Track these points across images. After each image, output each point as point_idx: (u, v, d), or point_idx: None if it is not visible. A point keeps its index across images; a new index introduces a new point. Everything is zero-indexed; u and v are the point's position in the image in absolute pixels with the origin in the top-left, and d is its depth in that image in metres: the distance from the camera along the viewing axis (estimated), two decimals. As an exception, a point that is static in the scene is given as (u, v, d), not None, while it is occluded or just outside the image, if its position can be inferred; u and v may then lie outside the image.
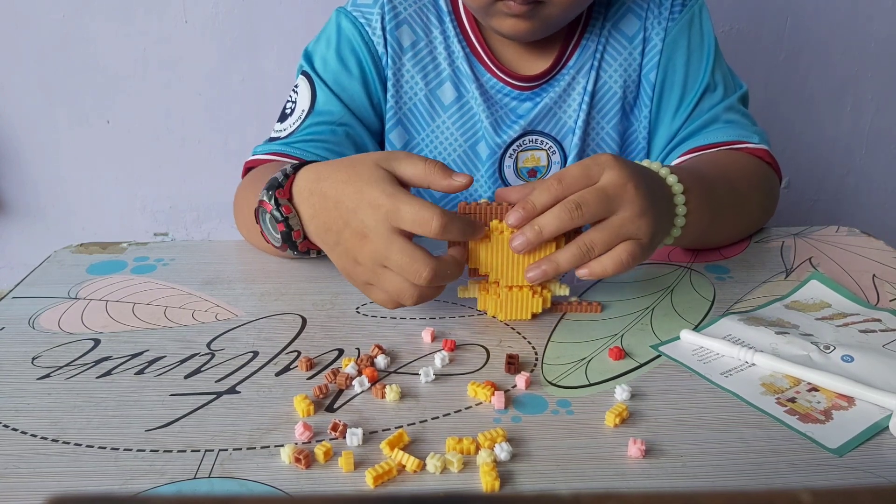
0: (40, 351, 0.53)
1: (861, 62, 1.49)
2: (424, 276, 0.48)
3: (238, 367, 0.50)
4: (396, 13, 0.75)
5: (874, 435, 0.43)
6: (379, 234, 0.49)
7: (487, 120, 0.76)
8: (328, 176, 0.53)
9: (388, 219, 0.48)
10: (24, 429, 0.44)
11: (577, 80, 0.76)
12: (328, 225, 0.52)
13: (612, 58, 0.76)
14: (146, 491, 0.39)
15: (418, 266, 0.48)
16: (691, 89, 0.75)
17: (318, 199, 0.53)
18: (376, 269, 0.50)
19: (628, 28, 0.76)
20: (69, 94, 1.42)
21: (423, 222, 0.48)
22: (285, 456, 0.41)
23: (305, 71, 0.76)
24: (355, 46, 0.75)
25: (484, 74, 0.76)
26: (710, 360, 0.50)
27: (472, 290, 0.56)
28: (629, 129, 0.79)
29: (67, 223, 1.54)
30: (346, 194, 0.50)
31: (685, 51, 0.76)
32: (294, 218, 0.55)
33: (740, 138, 0.72)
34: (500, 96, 0.76)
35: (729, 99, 0.75)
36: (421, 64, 0.76)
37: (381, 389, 0.47)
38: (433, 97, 0.77)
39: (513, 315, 0.55)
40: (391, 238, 0.49)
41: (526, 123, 0.76)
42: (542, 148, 0.77)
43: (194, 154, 1.48)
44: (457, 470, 0.40)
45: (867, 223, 1.07)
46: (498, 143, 0.76)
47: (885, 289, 0.60)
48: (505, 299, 0.55)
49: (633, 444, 0.41)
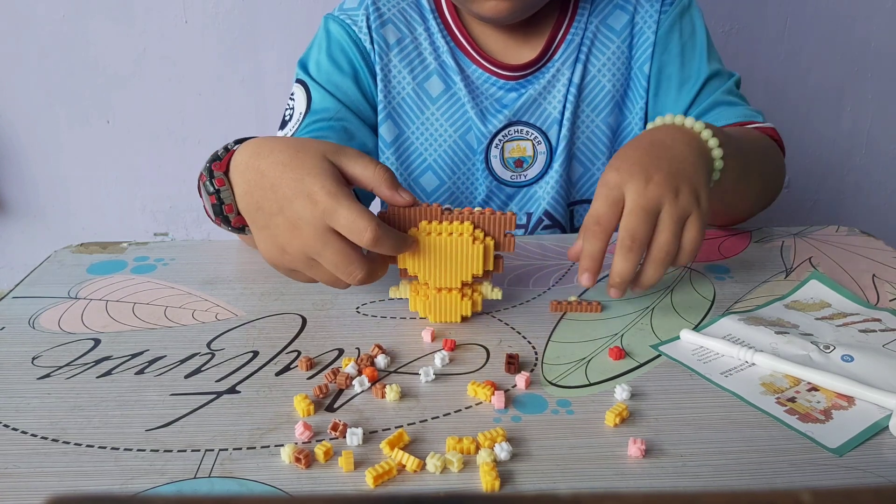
0: (40, 351, 0.53)
1: (861, 62, 1.49)
2: (359, 277, 0.49)
3: (238, 367, 0.50)
4: (380, 13, 0.78)
5: (874, 435, 0.43)
6: (313, 230, 0.48)
7: (473, 111, 0.78)
8: (268, 154, 0.51)
9: (324, 216, 0.47)
10: (24, 428, 0.44)
11: (562, 71, 0.78)
12: (260, 204, 0.51)
13: (600, 52, 0.78)
14: (146, 491, 0.39)
15: (353, 268, 0.49)
16: (690, 77, 0.77)
17: (253, 176, 0.51)
18: (306, 260, 0.50)
19: (616, 22, 0.78)
20: (69, 93, 1.42)
21: (357, 231, 0.47)
22: (285, 456, 0.41)
23: (300, 79, 0.78)
24: (345, 46, 0.78)
25: (469, 66, 0.78)
26: (710, 360, 0.50)
27: (403, 290, 0.56)
28: (623, 121, 0.80)
29: (67, 223, 1.54)
30: (285, 180, 0.49)
31: (678, 41, 0.77)
32: (226, 191, 0.54)
33: (747, 118, 0.74)
34: (487, 86, 0.78)
35: (727, 84, 0.77)
36: (407, 59, 0.78)
37: (382, 389, 0.47)
38: (421, 91, 0.78)
39: (442, 317, 0.55)
40: (326, 237, 0.48)
41: (511, 113, 0.78)
42: (528, 138, 0.79)
43: (194, 154, 1.48)
44: (457, 470, 0.40)
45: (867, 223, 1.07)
46: (484, 133, 0.78)
47: (884, 288, 0.60)
48: (434, 301, 0.54)
49: (633, 444, 0.41)
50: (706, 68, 0.77)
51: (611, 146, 0.80)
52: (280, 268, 0.53)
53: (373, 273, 0.50)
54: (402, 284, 0.56)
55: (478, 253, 0.52)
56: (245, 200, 0.52)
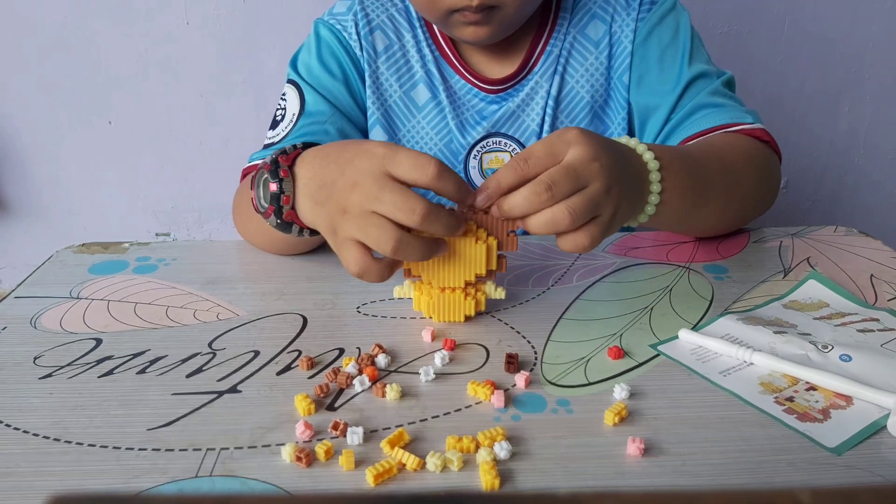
0: (42, 350, 0.53)
1: (859, 63, 1.49)
2: (419, 211, 0.48)
3: (239, 367, 0.51)
4: (369, 20, 0.78)
5: (872, 434, 0.43)
6: (373, 178, 0.49)
7: (454, 121, 0.78)
8: (335, 146, 0.54)
9: (383, 163, 0.49)
10: (26, 428, 0.44)
11: (541, 84, 0.78)
12: (323, 181, 0.52)
13: (577, 62, 0.78)
14: (148, 490, 0.39)
15: (412, 203, 0.48)
16: (669, 83, 0.75)
17: (320, 160, 0.54)
18: (364, 216, 0.49)
19: (593, 33, 0.77)
20: (71, 94, 1.43)
21: (421, 166, 0.48)
22: (286, 455, 0.41)
23: (292, 79, 0.79)
24: (335, 51, 0.78)
25: (452, 76, 0.79)
26: (709, 360, 0.51)
27: (407, 289, 0.56)
28: (604, 132, 0.79)
29: (69, 223, 1.54)
30: (347, 148, 0.52)
31: (657, 47, 0.76)
32: (288, 183, 0.54)
33: (733, 120, 0.71)
34: (469, 97, 0.79)
35: (713, 84, 0.74)
36: (395, 66, 0.79)
37: (382, 388, 0.47)
38: (408, 98, 0.79)
39: (446, 317, 0.55)
40: (384, 179, 0.49)
41: (489, 125, 0.78)
42: (506, 150, 0.79)
43: (196, 154, 1.49)
44: (457, 468, 0.40)
45: (865, 223, 1.08)
46: (462, 144, 0.78)
47: (882, 288, 0.60)
48: (437, 300, 0.55)
49: (633, 443, 0.41)
50: (688, 72, 0.74)
51: None
52: (340, 236, 0.52)
53: (433, 212, 0.48)
54: (407, 284, 0.56)
55: (480, 252, 0.52)
56: (309, 186, 0.54)
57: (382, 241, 0.49)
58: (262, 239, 0.68)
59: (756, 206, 0.69)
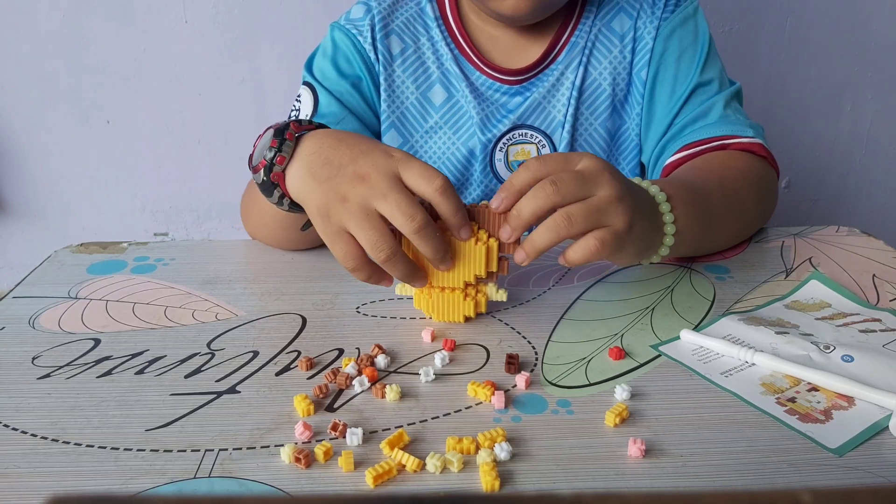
0: (40, 351, 0.53)
1: (861, 62, 1.49)
2: (418, 219, 0.49)
3: (238, 367, 0.50)
4: (385, 24, 0.79)
5: (874, 435, 0.43)
6: (383, 175, 0.50)
7: (478, 116, 0.78)
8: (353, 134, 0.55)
9: (397, 165, 0.50)
10: (24, 428, 0.44)
11: (566, 75, 0.78)
12: (330, 159, 0.52)
13: (601, 55, 0.78)
14: (146, 490, 0.39)
15: (414, 210, 0.49)
16: (681, 86, 0.76)
17: (332, 140, 0.54)
18: (365, 212, 0.50)
19: (619, 26, 0.78)
20: (69, 93, 1.42)
21: (429, 177, 0.49)
22: (285, 455, 0.41)
23: (307, 81, 0.79)
24: (349, 56, 0.78)
25: (473, 73, 0.78)
26: (710, 360, 0.50)
27: (408, 287, 0.56)
28: (621, 126, 0.80)
29: (67, 223, 1.54)
30: (365, 140, 0.53)
31: (677, 49, 0.76)
32: (289, 146, 0.54)
33: (733, 133, 0.72)
34: (490, 92, 0.78)
35: (720, 94, 0.75)
36: (411, 69, 0.79)
37: (381, 389, 0.47)
38: (424, 99, 0.79)
39: (446, 317, 0.55)
40: (394, 180, 0.50)
41: (515, 118, 0.78)
42: (532, 142, 0.79)
43: (194, 154, 1.48)
44: (457, 470, 0.40)
45: (867, 223, 1.07)
46: (488, 138, 0.78)
47: (884, 289, 0.60)
48: (437, 300, 0.55)
49: (634, 444, 0.41)
50: (696, 77, 0.75)
51: (608, 150, 0.80)
52: (331, 224, 0.52)
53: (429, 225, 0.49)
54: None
55: (480, 253, 0.52)
56: (311, 158, 0.54)
57: (378, 247, 0.50)
58: (259, 223, 0.69)
59: (758, 222, 0.71)
